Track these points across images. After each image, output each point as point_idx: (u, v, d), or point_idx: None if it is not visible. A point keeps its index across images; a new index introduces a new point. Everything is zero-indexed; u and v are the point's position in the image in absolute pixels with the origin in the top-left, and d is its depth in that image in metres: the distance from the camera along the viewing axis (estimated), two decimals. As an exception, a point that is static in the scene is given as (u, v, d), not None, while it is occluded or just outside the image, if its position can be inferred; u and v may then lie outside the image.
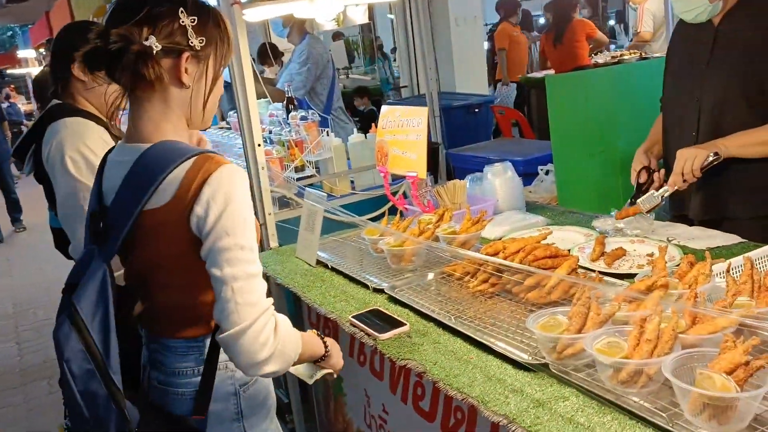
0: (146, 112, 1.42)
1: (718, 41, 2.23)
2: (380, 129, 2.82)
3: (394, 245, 2.29)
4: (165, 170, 1.34)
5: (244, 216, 1.35)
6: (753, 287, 1.51)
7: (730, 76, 2.18)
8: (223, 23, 1.45)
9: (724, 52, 2.21)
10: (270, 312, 1.35)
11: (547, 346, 1.53)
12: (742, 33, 2.16)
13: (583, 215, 2.77)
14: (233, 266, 1.31)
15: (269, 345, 1.32)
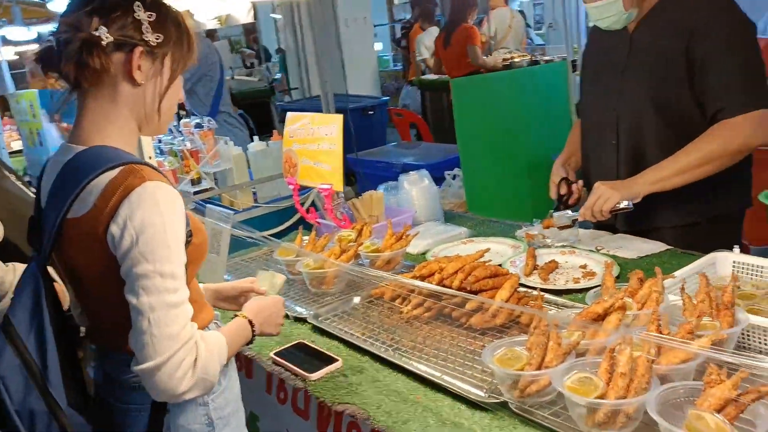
0: (91, 111, 1.32)
1: (633, 49, 2.19)
2: (287, 137, 2.58)
3: (314, 267, 2.06)
4: (88, 176, 1.23)
5: (166, 241, 1.22)
6: (711, 305, 1.44)
7: (645, 84, 2.15)
8: (185, 25, 1.38)
9: (639, 60, 2.18)
10: (190, 344, 1.23)
11: (507, 382, 1.37)
12: (655, 41, 2.13)
13: (504, 224, 2.67)
14: (150, 295, 1.20)
15: (187, 378, 1.22)
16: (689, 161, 2.01)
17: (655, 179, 2.05)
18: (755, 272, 1.74)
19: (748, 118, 1.97)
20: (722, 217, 2.20)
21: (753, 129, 1.98)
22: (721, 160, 2.01)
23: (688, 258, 2.04)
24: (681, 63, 2.06)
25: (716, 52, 2.01)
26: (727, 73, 2.00)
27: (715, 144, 2.00)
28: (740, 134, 1.98)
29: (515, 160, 3.72)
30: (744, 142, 1.99)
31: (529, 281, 1.99)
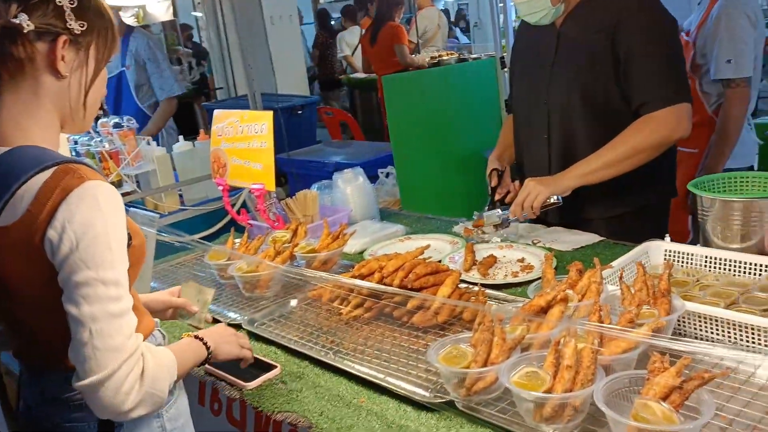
0: (10, 106, 1.22)
1: (561, 44, 2.22)
2: (214, 136, 2.47)
3: (247, 271, 1.98)
4: (18, 180, 1.14)
5: (109, 244, 1.13)
6: (649, 293, 1.46)
7: (574, 79, 2.18)
8: (108, 14, 1.30)
9: (567, 55, 2.20)
10: (136, 356, 1.15)
11: (454, 381, 1.34)
12: (582, 36, 2.16)
13: (440, 220, 2.66)
14: (92, 304, 1.12)
15: (134, 393, 1.14)
16: (615, 155, 2.05)
17: (583, 173, 2.08)
18: (686, 260, 1.78)
19: (671, 112, 2.02)
20: (650, 207, 2.26)
21: (675, 122, 2.03)
22: (645, 153, 2.05)
23: (621, 248, 2.08)
24: (607, 58, 2.10)
25: (639, 47, 2.05)
26: (650, 68, 2.05)
27: (638, 137, 2.04)
28: (663, 128, 2.03)
29: (447, 156, 3.73)
30: (666, 135, 2.04)
31: (468, 277, 1.97)
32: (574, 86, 2.18)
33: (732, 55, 2.72)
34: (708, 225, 1.79)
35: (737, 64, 2.72)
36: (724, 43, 2.73)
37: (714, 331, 1.43)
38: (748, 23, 2.73)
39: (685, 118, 2.05)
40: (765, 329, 1.35)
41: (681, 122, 2.04)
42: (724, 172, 1.92)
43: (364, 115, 6.71)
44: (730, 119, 2.79)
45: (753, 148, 2.97)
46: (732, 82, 2.76)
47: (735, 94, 2.77)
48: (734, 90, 2.77)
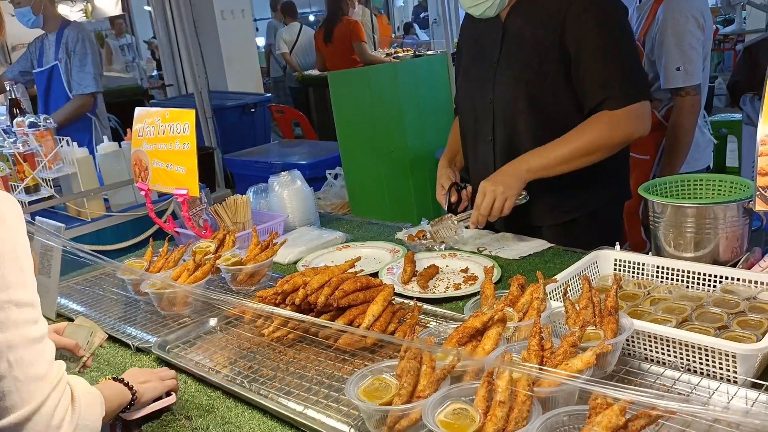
0: None
1: (506, 38, 2.08)
2: (135, 136, 2.26)
3: (162, 286, 1.78)
4: None
5: (19, 262, 1.01)
6: (594, 311, 1.32)
7: (519, 75, 2.04)
8: None
9: (512, 50, 2.06)
10: (63, 384, 1.05)
11: (375, 418, 1.18)
12: (528, 29, 2.02)
13: (384, 226, 2.50)
14: (6, 330, 0.99)
15: (66, 425, 1.03)
16: (572, 150, 1.93)
17: (539, 167, 1.94)
18: (636, 269, 1.65)
19: (630, 111, 1.91)
20: (602, 210, 2.14)
21: (636, 121, 1.92)
22: (603, 151, 1.94)
23: (570, 256, 1.95)
24: (554, 53, 1.96)
25: (590, 42, 1.92)
26: (605, 64, 1.92)
27: (596, 134, 1.92)
28: (623, 126, 1.92)
29: (398, 156, 3.58)
30: (626, 134, 1.94)
31: (407, 290, 1.82)
32: (519, 84, 2.04)
33: (681, 62, 2.59)
34: (660, 232, 1.67)
35: (687, 72, 2.59)
36: (672, 49, 2.60)
37: (665, 353, 1.30)
38: (695, 27, 2.59)
39: (646, 116, 1.94)
40: (719, 351, 1.22)
41: (642, 120, 1.93)
42: (677, 175, 1.79)
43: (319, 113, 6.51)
44: (681, 129, 2.66)
45: (708, 148, 2.86)
46: (682, 90, 2.63)
47: (685, 103, 2.64)
48: (684, 99, 2.64)
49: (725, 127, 4.91)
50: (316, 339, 1.56)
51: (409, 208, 3.43)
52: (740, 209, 1.58)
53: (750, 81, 3.72)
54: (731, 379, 1.22)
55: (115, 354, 1.68)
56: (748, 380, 1.21)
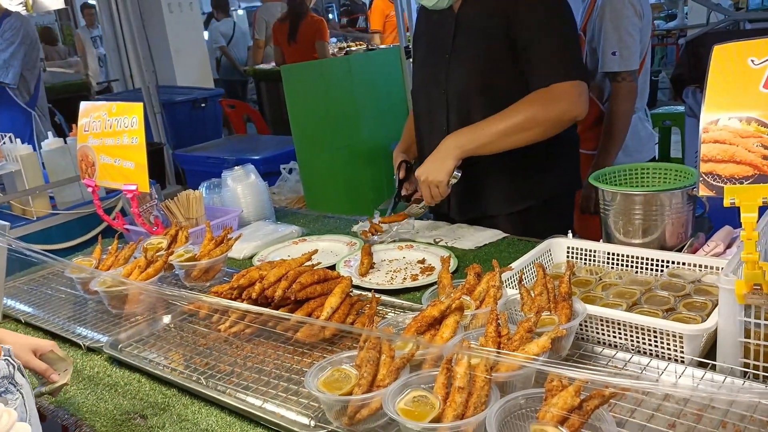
0: None
1: (459, 29, 2.10)
2: (81, 131, 2.20)
3: (112, 285, 1.74)
4: None
5: None
6: (549, 297, 1.35)
7: (471, 66, 2.06)
8: None
9: (465, 41, 2.08)
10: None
11: (335, 408, 1.18)
12: (479, 20, 2.05)
13: (340, 219, 2.49)
14: None
15: None
16: (507, 125, 1.92)
17: (472, 143, 1.94)
18: (589, 256, 1.69)
19: (565, 88, 1.91)
20: (554, 199, 2.18)
21: (569, 99, 1.92)
22: (542, 127, 1.93)
23: (525, 245, 1.98)
24: (504, 43, 1.99)
25: (537, 29, 1.95)
26: (549, 48, 1.95)
27: (535, 108, 1.92)
28: (562, 100, 1.92)
29: (353, 150, 3.57)
30: (566, 109, 1.92)
31: (364, 282, 1.82)
32: (472, 74, 2.06)
33: (617, 48, 2.61)
34: (610, 219, 1.71)
35: (622, 57, 2.61)
36: (609, 34, 2.62)
37: (616, 335, 1.34)
38: (633, 13, 2.62)
39: (582, 95, 1.94)
40: (667, 332, 1.26)
41: (578, 99, 1.93)
42: (625, 164, 1.84)
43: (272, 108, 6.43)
44: (617, 115, 2.67)
45: (651, 140, 2.92)
46: (618, 75, 2.64)
47: (621, 88, 2.65)
48: (620, 84, 2.65)
49: (669, 119, 5.06)
50: (274, 333, 1.55)
51: (366, 202, 3.42)
52: (685, 196, 1.63)
53: (692, 74, 3.85)
54: (679, 359, 1.27)
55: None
56: (694, 359, 1.26)
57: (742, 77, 1.13)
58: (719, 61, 1.15)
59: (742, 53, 1.13)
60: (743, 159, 1.11)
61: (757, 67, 1.12)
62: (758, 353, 1.17)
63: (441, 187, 1.97)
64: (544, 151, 2.01)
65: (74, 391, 1.45)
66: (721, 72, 1.15)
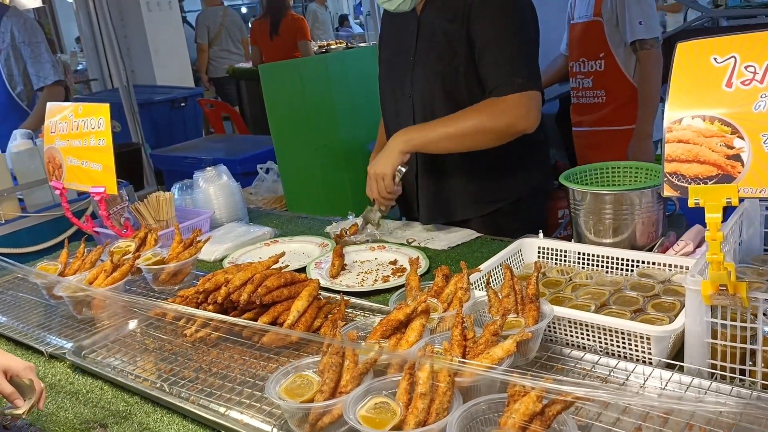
0: None
1: (421, 32, 2.07)
2: (47, 132, 2.15)
3: (76, 290, 1.70)
4: None
5: None
6: (516, 299, 1.33)
7: (434, 69, 2.04)
8: None
9: (427, 44, 2.06)
10: None
11: (297, 416, 1.15)
12: (440, 23, 2.02)
13: (314, 220, 2.46)
14: None
15: None
16: (456, 129, 1.90)
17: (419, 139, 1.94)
18: (559, 256, 1.68)
19: (520, 99, 1.88)
20: (525, 199, 2.17)
21: (524, 110, 1.89)
22: (487, 136, 1.91)
23: (498, 244, 1.97)
24: (463, 45, 1.97)
25: (490, 33, 1.92)
26: (501, 54, 1.92)
27: (483, 117, 1.90)
28: (510, 113, 1.89)
29: (330, 150, 3.54)
30: (512, 122, 1.89)
31: (335, 284, 1.79)
32: (435, 77, 2.05)
33: (642, 17, 2.80)
34: (581, 219, 1.70)
35: (647, 26, 2.81)
36: (632, 6, 2.81)
37: (584, 337, 1.33)
38: None
39: (534, 107, 1.90)
40: (635, 334, 1.25)
41: (530, 111, 1.90)
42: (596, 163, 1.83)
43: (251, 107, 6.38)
44: (649, 82, 2.85)
45: None
46: (645, 43, 2.82)
47: (649, 56, 2.84)
48: (648, 52, 2.84)
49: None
50: (240, 338, 1.52)
51: (345, 202, 3.39)
52: (655, 195, 1.62)
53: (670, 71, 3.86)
54: (647, 361, 1.26)
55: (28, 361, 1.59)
56: (662, 361, 1.24)
57: (705, 76, 1.12)
58: (682, 59, 1.14)
59: (704, 51, 1.12)
60: (707, 159, 1.10)
61: (720, 66, 1.10)
62: (725, 354, 1.17)
63: (386, 180, 1.95)
64: (513, 153, 1.99)
65: (33, 400, 1.41)
66: (684, 70, 1.14)
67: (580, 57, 3.07)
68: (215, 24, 7.28)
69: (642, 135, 2.88)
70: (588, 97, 3.08)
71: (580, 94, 3.12)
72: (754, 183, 1.06)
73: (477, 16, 1.92)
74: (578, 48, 3.07)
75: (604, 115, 3.00)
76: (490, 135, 1.91)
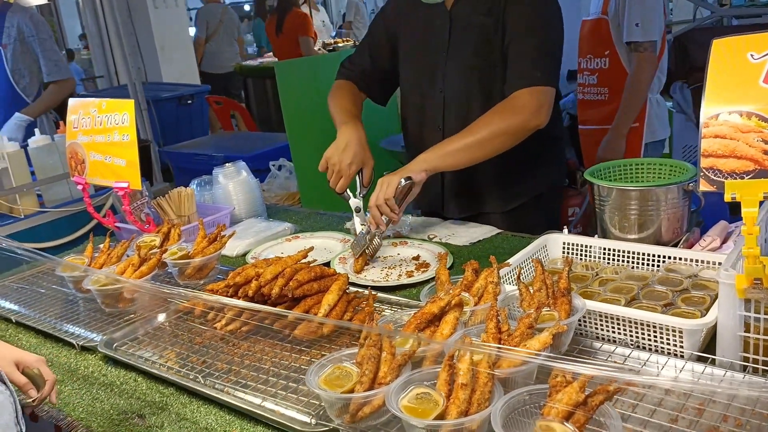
0: None
1: (454, 26, 2.08)
2: (70, 128, 2.17)
3: (105, 283, 1.71)
4: None
5: None
6: (548, 293, 1.35)
7: (470, 65, 2.05)
8: None
9: (461, 39, 2.07)
10: None
11: (337, 406, 1.17)
12: (474, 18, 2.04)
13: (332, 216, 2.48)
14: None
15: None
16: (475, 138, 1.90)
17: (436, 158, 1.91)
18: (584, 252, 1.69)
19: (532, 95, 1.90)
20: (545, 194, 2.20)
21: (536, 107, 1.90)
22: (503, 138, 1.91)
23: (518, 241, 1.98)
24: (499, 44, 1.99)
25: (519, 29, 1.94)
26: (523, 50, 1.94)
27: (496, 121, 1.90)
28: (521, 112, 1.90)
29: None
30: (524, 121, 1.90)
31: (360, 279, 1.81)
32: (472, 73, 2.06)
33: (640, 19, 2.79)
34: (605, 215, 1.72)
35: (644, 29, 2.80)
36: (634, 7, 2.81)
37: (616, 331, 1.34)
38: None
39: (546, 102, 1.91)
40: (667, 327, 1.27)
41: (541, 108, 1.90)
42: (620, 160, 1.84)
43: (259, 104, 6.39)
44: (636, 83, 2.87)
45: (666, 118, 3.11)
46: (639, 45, 2.83)
47: (642, 58, 2.84)
48: (642, 54, 2.84)
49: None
50: (271, 330, 1.54)
51: (361, 198, 3.41)
52: (680, 191, 1.64)
53: (680, 70, 3.88)
54: (678, 354, 1.27)
55: (59, 354, 1.61)
56: (694, 354, 1.26)
57: (741, 72, 1.13)
58: (719, 56, 1.16)
59: (741, 48, 1.14)
60: (744, 154, 1.11)
61: (757, 62, 1.12)
62: (758, 347, 1.18)
63: (390, 186, 1.87)
64: (535, 150, 2.01)
65: (69, 392, 1.43)
66: (720, 66, 1.15)
67: (587, 54, 3.10)
68: (214, 20, 7.31)
69: (616, 133, 2.92)
70: (592, 93, 3.12)
71: (586, 91, 3.15)
72: (792, 178, 1.08)
73: (511, 11, 1.95)
74: (586, 45, 3.11)
75: (608, 113, 3.01)
76: (506, 137, 1.90)
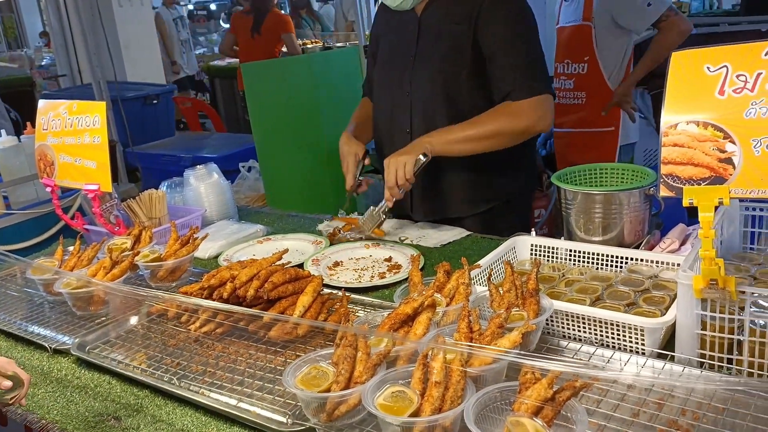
0: None
1: (422, 33, 2.13)
2: (39, 129, 2.14)
3: (77, 286, 1.71)
4: None
5: None
6: (517, 294, 1.40)
7: (436, 72, 2.10)
8: None
9: (429, 46, 2.12)
10: None
11: (313, 405, 1.19)
12: (444, 25, 2.09)
13: (303, 218, 2.50)
14: None
15: None
16: (478, 132, 1.99)
17: (446, 140, 1.99)
18: (551, 253, 1.75)
19: (536, 103, 1.99)
20: (515, 197, 2.25)
21: (541, 113, 2.01)
22: (505, 138, 2.01)
23: (488, 243, 2.03)
24: (469, 50, 2.03)
25: (502, 39, 2.00)
26: (514, 60, 2.01)
27: (503, 120, 2.00)
28: (527, 116, 2.00)
29: (313, 149, 3.57)
30: (530, 125, 2.02)
31: (333, 281, 1.84)
32: (437, 78, 2.10)
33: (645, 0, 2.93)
34: (571, 218, 1.78)
35: (655, 3, 2.93)
36: None
37: (581, 329, 1.40)
38: None
39: (548, 110, 2.03)
40: (629, 326, 1.33)
41: (545, 115, 2.02)
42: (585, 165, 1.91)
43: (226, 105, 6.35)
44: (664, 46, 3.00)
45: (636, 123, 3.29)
46: (662, 16, 2.95)
47: (676, 21, 2.98)
48: (666, 22, 2.97)
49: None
50: (245, 332, 1.55)
51: (327, 200, 3.43)
52: (642, 195, 1.71)
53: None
54: (640, 351, 1.33)
55: (31, 357, 1.60)
56: (654, 351, 1.32)
57: (698, 83, 1.19)
58: (677, 68, 1.22)
59: (698, 60, 1.20)
60: (700, 162, 1.18)
61: (713, 74, 1.18)
62: (713, 344, 1.25)
63: (408, 166, 1.95)
64: (507, 153, 2.06)
65: (42, 394, 1.42)
66: (679, 78, 1.21)
67: (564, 59, 3.19)
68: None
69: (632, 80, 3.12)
70: (568, 98, 3.20)
71: (562, 95, 3.24)
72: (745, 185, 1.15)
73: (488, 21, 1.99)
74: (564, 50, 3.19)
75: (584, 116, 3.11)
76: (508, 137, 2.02)
